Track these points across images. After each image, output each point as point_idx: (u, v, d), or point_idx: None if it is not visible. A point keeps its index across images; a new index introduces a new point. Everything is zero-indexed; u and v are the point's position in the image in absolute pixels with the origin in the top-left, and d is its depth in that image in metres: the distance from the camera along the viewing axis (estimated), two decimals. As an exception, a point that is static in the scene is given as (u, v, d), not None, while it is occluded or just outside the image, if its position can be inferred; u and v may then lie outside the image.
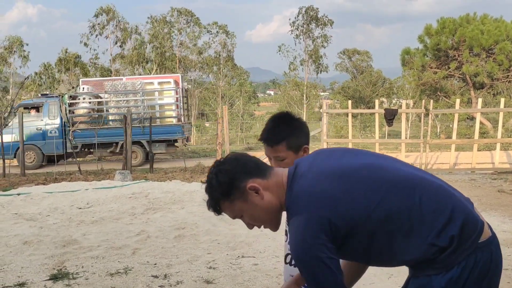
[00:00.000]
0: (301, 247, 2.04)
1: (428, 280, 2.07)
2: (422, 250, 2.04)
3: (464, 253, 2.03)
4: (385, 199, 2.05)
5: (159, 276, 5.89)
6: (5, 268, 6.15)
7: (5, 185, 13.92)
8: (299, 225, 2.06)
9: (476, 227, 2.07)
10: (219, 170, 2.24)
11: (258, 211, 2.22)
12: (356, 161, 2.19)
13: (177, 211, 9.30)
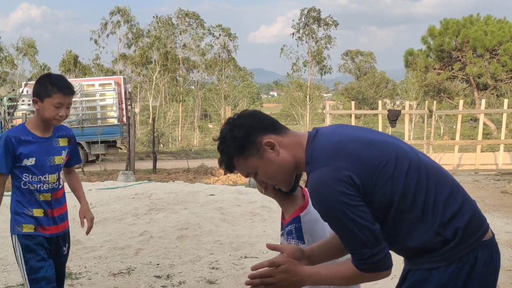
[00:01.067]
0: (325, 197, 1.98)
1: (428, 275, 2.06)
2: (426, 237, 2.04)
3: (466, 249, 2.03)
4: (407, 177, 2.03)
5: (161, 276, 5.89)
6: (8, 268, 6.16)
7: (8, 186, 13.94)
8: (322, 175, 2.00)
9: (482, 225, 2.10)
10: (234, 125, 2.15)
11: (272, 168, 2.15)
12: (382, 137, 2.17)
13: (180, 211, 9.30)
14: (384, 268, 2.00)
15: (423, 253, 2.07)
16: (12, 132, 3.33)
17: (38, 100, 3.27)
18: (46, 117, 3.28)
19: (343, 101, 52.55)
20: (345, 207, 1.95)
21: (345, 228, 1.97)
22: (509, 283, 5.66)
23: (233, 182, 14.52)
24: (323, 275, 2.12)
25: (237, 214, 9.09)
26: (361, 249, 1.96)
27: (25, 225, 3.26)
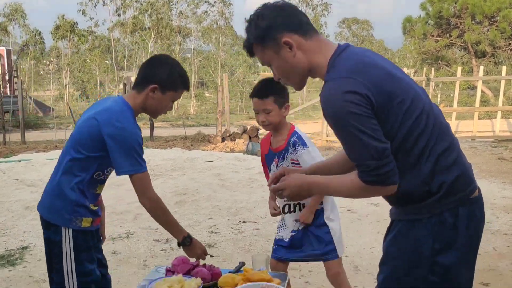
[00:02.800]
0: (338, 105, 1.94)
1: (411, 226, 2.07)
2: (413, 184, 2.03)
3: (450, 204, 2.03)
4: (416, 120, 2.02)
5: (161, 240, 5.91)
6: (8, 233, 6.17)
7: (6, 152, 13.93)
8: (339, 84, 1.97)
9: (469, 185, 2.10)
10: (262, 14, 2.14)
11: (286, 67, 2.15)
12: (404, 76, 2.13)
13: (178, 177, 9.31)
14: (388, 182, 1.97)
15: (408, 201, 2.07)
16: (137, 127, 2.75)
17: (159, 89, 2.79)
18: (160, 109, 2.88)
19: (340, 69, 52.18)
20: (356, 117, 1.92)
21: (353, 138, 1.94)
22: (505, 246, 5.71)
23: (230, 149, 14.50)
24: (329, 184, 2.13)
25: (235, 180, 9.10)
26: (367, 161, 1.94)
27: (85, 218, 2.77)
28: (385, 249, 2.18)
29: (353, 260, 5.25)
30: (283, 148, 3.37)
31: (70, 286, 2.76)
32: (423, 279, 2.05)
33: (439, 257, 2.03)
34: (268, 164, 3.50)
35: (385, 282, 2.16)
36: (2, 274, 4.88)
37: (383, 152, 1.93)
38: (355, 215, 7.00)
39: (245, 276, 2.72)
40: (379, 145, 1.93)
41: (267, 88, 3.30)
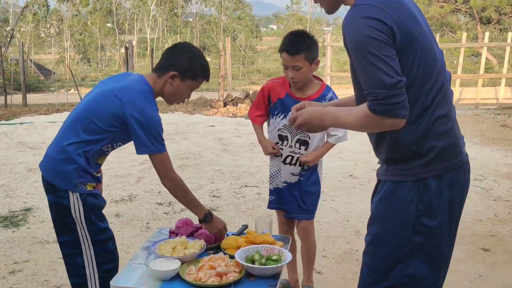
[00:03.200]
0: (358, 29, 1.94)
1: (395, 188, 2.11)
2: (405, 140, 2.05)
3: (436, 171, 2.06)
4: (429, 74, 2.03)
5: (163, 203, 5.94)
6: (11, 194, 6.20)
7: (8, 115, 13.91)
8: (363, 10, 1.96)
9: (458, 156, 2.13)
10: None
11: None
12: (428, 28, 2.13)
13: (181, 141, 9.31)
14: (397, 114, 1.93)
15: (396, 159, 2.11)
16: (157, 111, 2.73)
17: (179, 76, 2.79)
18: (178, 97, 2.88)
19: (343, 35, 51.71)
20: (375, 43, 1.90)
21: (368, 64, 1.92)
22: (506, 212, 5.73)
23: (232, 114, 14.47)
24: (340, 114, 2.11)
25: (237, 144, 9.10)
26: (378, 89, 1.91)
27: (89, 183, 2.77)
28: (373, 210, 2.22)
29: (354, 224, 5.28)
30: (316, 97, 3.32)
31: (86, 247, 2.78)
32: (408, 239, 2.10)
33: (423, 218, 2.07)
34: (282, 109, 3.39)
35: (372, 242, 2.21)
36: (5, 235, 4.91)
37: (396, 84, 1.90)
38: (357, 180, 7.01)
39: (248, 239, 2.73)
40: (394, 76, 1.90)
41: (299, 43, 3.20)
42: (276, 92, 3.42)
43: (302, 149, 3.41)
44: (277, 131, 3.44)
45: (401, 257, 2.12)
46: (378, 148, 2.21)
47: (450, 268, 4.25)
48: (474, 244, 4.82)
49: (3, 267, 4.19)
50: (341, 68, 31.52)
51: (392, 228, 2.12)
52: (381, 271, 2.17)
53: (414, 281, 2.13)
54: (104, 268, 2.82)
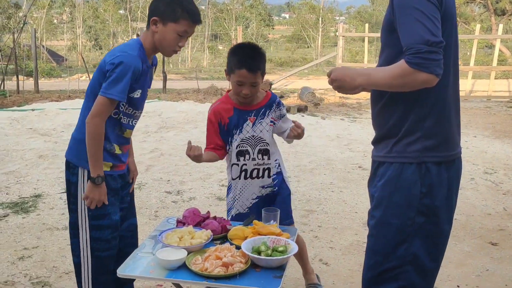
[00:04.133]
0: None
1: (401, 171, 2.20)
2: (416, 118, 2.16)
3: (434, 158, 2.18)
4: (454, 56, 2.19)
5: (172, 192, 5.97)
6: (22, 180, 6.25)
7: (20, 101, 13.99)
8: None
9: (455, 149, 2.26)
10: None
11: None
12: None
13: (190, 130, 9.32)
14: (433, 70, 1.99)
15: (399, 137, 2.20)
16: (138, 60, 2.68)
17: (160, 21, 2.72)
18: (165, 45, 2.76)
19: (355, 25, 51.51)
20: (424, 2, 2.01)
21: (413, 20, 2.00)
22: (516, 207, 5.71)
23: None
24: (372, 72, 2.17)
25: (247, 134, 9.09)
26: (420, 44, 1.97)
27: (104, 162, 2.74)
28: (376, 194, 2.28)
29: (362, 216, 5.28)
30: (264, 104, 3.21)
31: (83, 228, 2.79)
32: (412, 220, 2.20)
33: (425, 200, 2.18)
34: (235, 126, 3.18)
35: (377, 226, 2.28)
36: (16, 221, 4.96)
37: (438, 43, 1.98)
38: (366, 172, 7.00)
39: (255, 230, 2.74)
40: (437, 35, 1.99)
41: (258, 60, 3.08)
42: (224, 113, 3.20)
43: (265, 159, 3.23)
44: (236, 149, 3.20)
45: (405, 238, 2.21)
46: (384, 125, 2.26)
47: (457, 261, 4.27)
48: (482, 238, 4.80)
49: (13, 252, 4.24)
50: (352, 58, 31.36)
51: (397, 211, 2.21)
52: (385, 252, 2.25)
53: (416, 259, 2.22)
54: (98, 254, 2.81)
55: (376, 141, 2.34)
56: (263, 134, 3.20)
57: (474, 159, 7.89)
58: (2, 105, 13.24)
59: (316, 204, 5.69)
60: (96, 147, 2.68)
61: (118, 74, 2.60)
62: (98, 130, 2.68)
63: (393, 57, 2.15)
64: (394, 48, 2.14)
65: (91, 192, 2.71)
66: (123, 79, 2.60)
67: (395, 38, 2.11)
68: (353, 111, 13.50)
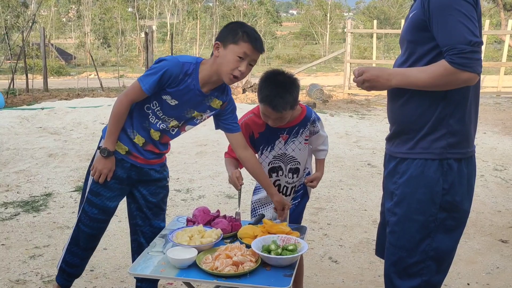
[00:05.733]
0: None
1: (424, 168, 2.25)
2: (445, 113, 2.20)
3: (456, 155, 2.23)
4: None
5: (181, 190, 5.98)
6: (32, 179, 6.28)
7: (29, 100, 14.06)
8: None
9: (472, 145, 2.31)
10: None
11: None
12: None
13: (199, 128, 9.26)
14: (475, 69, 2.07)
15: (423, 133, 2.24)
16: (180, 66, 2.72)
17: (221, 44, 2.72)
18: (225, 68, 2.70)
19: (364, 21, 51.35)
20: (462, 2, 2.06)
21: (456, 22, 2.06)
22: (526, 204, 5.69)
23: (251, 101, 14.47)
24: (408, 72, 2.20)
25: (255, 131, 9.10)
26: (463, 44, 2.04)
27: (120, 143, 2.86)
28: (398, 191, 2.32)
29: (371, 213, 5.27)
30: (298, 123, 3.10)
31: (83, 198, 2.97)
32: (434, 216, 2.26)
33: (447, 196, 2.24)
34: (266, 142, 3.15)
35: (399, 223, 2.33)
36: (27, 219, 4.99)
37: (478, 44, 2.05)
38: (375, 169, 6.99)
39: (264, 228, 2.74)
40: (478, 36, 2.07)
41: (284, 98, 2.89)
42: (255, 127, 3.15)
43: (294, 178, 3.22)
44: (268, 165, 3.19)
45: (428, 233, 2.27)
46: (406, 120, 2.29)
47: (467, 259, 4.26)
48: (492, 236, 4.78)
49: (24, 251, 4.27)
50: (361, 54, 31.27)
51: (420, 207, 2.26)
52: (408, 248, 2.31)
53: (437, 253, 2.29)
54: (79, 226, 2.97)
55: (395, 136, 2.37)
56: (295, 153, 3.14)
57: (484, 155, 7.86)
58: (12, 103, 13.32)
59: (326, 201, 5.69)
60: (115, 124, 2.85)
61: (155, 69, 2.72)
62: (121, 108, 2.81)
63: (422, 55, 2.20)
64: (423, 45, 2.19)
65: (97, 161, 2.88)
66: (156, 75, 2.70)
67: (425, 37, 2.17)
68: (361, 108, 13.47)
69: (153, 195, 3.07)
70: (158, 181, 3.10)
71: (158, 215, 3.13)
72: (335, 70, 28.60)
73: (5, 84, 15.71)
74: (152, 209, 3.08)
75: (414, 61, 2.24)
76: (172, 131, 2.96)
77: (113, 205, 2.98)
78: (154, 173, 3.05)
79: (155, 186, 3.07)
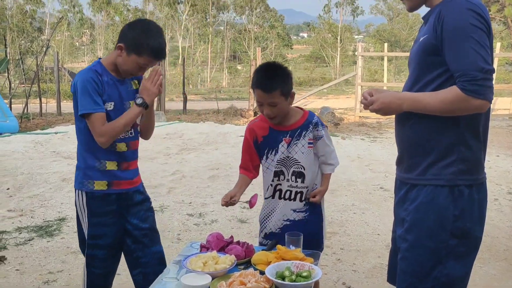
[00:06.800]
0: (462, 16, 2.10)
1: (434, 194, 2.24)
2: (455, 140, 2.20)
3: (467, 181, 2.23)
4: None
5: (194, 214, 5.99)
6: (46, 204, 6.33)
7: (43, 124, 14.19)
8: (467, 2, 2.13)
9: (483, 173, 2.31)
10: None
11: None
12: None
13: (211, 152, 9.37)
14: (487, 97, 2.08)
15: (433, 160, 2.24)
16: (91, 72, 2.81)
17: (125, 49, 2.80)
18: (125, 70, 2.86)
19: (374, 43, 51.52)
20: (477, 31, 2.08)
21: (468, 48, 2.08)
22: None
23: (263, 124, 14.48)
24: (421, 98, 2.22)
25: (267, 155, 9.10)
26: (475, 71, 2.06)
27: (97, 181, 2.88)
28: (409, 218, 2.32)
29: (385, 238, 5.24)
30: (300, 125, 3.13)
31: (82, 245, 3.00)
32: (445, 242, 2.25)
33: (458, 222, 2.23)
34: (270, 147, 3.17)
35: (410, 249, 2.32)
36: (41, 244, 5.02)
37: (490, 72, 2.08)
38: (387, 193, 6.96)
39: (278, 254, 2.74)
40: (490, 63, 2.09)
41: (273, 79, 3.00)
42: (259, 131, 3.21)
43: (299, 182, 3.18)
44: (273, 170, 3.19)
45: (439, 259, 2.26)
46: (415, 145, 2.30)
47: (483, 285, 4.22)
48: (507, 261, 4.74)
49: (38, 276, 4.28)
50: (371, 77, 31.32)
51: (431, 234, 2.26)
52: (419, 274, 2.30)
53: (449, 279, 2.28)
54: (92, 270, 2.97)
55: (403, 160, 2.38)
56: (298, 156, 3.14)
57: (498, 179, 7.81)
58: (25, 128, 13.46)
59: (338, 226, 5.67)
60: (121, 126, 2.83)
61: (81, 91, 2.76)
62: (112, 136, 2.82)
63: (430, 80, 2.22)
64: (432, 70, 2.21)
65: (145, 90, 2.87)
66: (87, 92, 2.75)
67: (434, 62, 2.19)
68: (373, 131, 13.46)
69: (144, 221, 3.07)
70: (143, 203, 3.10)
71: (155, 240, 3.14)
72: (346, 92, 28.65)
73: (19, 109, 15.88)
74: (148, 235, 3.08)
75: (423, 85, 2.25)
76: (130, 133, 2.99)
77: (117, 238, 3.00)
78: (138, 196, 3.07)
79: (142, 211, 3.08)
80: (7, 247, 4.93)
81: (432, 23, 2.20)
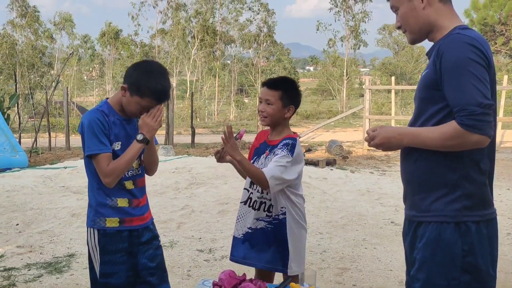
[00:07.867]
0: (460, 50, 2.11)
1: (441, 230, 2.20)
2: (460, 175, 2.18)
3: (473, 217, 2.19)
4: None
5: (204, 250, 5.95)
6: (55, 240, 6.31)
7: (52, 159, 14.26)
8: (465, 36, 2.15)
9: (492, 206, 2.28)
10: None
11: (411, 15, 2.33)
12: None
13: (220, 186, 9.34)
14: (485, 132, 2.07)
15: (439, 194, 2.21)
16: (97, 112, 2.85)
17: (128, 90, 2.85)
18: (129, 110, 2.91)
19: (379, 76, 51.80)
20: (475, 65, 2.08)
21: (466, 82, 2.07)
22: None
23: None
24: (420, 132, 2.22)
25: (276, 189, 9.07)
26: (474, 106, 2.05)
27: (108, 218, 2.88)
28: (419, 256, 2.28)
29: (397, 274, 5.18)
30: (277, 143, 3.26)
31: (94, 285, 2.97)
32: (457, 279, 2.20)
33: (468, 258, 2.18)
34: (258, 154, 3.42)
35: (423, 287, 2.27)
36: (50, 281, 4.98)
37: (489, 106, 2.07)
38: (398, 227, 6.90)
39: (292, 293, 2.72)
40: (489, 98, 2.08)
41: (279, 82, 3.33)
42: (261, 137, 3.49)
43: (264, 193, 3.29)
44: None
45: None
46: (419, 186, 2.28)
47: (499, 323, 4.12)
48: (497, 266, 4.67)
49: (48, 314, 4.25)
50: (378, 110, 31.40)
51: (441, 271, 2.21)
52: None
53: None
54: None
55: (408, 196, 2.36)
56: None
57: (509, 212, 7.74)
58: (34, 162, 13.52)
59: (350, 261, 5.61)
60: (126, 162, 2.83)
61: (88, 132, 2.80)
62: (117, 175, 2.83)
63: (432, 114, 2.22)
64: (434, 104, 2.21)
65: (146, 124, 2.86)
66: (94, 133, 2.79)
67: (436, 96, 2.19)
68: (382, 164, 13.44)
69: (152, 260, 3.06)
70: (152, 242, 3.08)
71: (163, 279, 3.12)
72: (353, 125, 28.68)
73: (28, 143, 15.99)
74: (155, 274, 3.06)
75: (425, 120, 2.25)
76: (138, 170, 3.02)
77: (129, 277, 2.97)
78: (147, 233, 3.06)
79: (151, 250, 3.06)
80: (16, 284, 4.90)
81: (432, 57, 2.22)
